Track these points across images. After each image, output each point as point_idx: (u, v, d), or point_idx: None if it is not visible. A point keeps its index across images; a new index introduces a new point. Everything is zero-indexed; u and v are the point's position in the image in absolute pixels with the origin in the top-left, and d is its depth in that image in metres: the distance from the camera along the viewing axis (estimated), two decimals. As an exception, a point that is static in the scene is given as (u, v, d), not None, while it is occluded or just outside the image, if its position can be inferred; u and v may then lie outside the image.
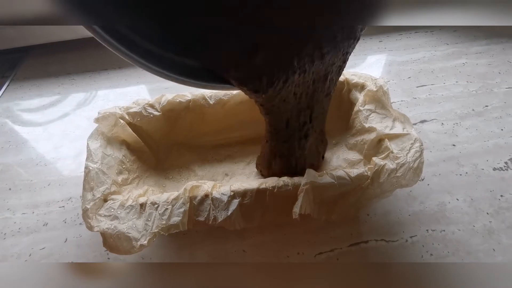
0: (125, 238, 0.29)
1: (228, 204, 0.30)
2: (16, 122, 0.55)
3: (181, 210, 0.30)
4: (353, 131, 0.40)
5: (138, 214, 0.31)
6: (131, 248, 0.29)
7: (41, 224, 0.39)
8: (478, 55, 0.57)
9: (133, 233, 0.29)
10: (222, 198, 0.31)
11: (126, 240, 0.29)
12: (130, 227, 0.30)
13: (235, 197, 0.31)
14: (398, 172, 0.31)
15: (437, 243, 0.34)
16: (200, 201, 0.31)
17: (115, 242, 0.29)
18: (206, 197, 0.31)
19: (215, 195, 0.31)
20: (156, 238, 0.30)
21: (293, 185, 0.31)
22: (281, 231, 0.36)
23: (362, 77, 0.40)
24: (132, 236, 0.29)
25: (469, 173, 0.40)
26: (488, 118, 0.46)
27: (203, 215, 0.30)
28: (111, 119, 0.37)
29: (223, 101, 0.41)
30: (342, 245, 0.35)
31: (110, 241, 0.29)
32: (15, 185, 0.44)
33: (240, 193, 0.31)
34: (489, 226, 0.35)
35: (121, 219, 0.30)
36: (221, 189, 0.31)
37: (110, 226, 0.29)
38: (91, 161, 0.34)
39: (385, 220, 0.36)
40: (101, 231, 0.29)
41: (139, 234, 0.29)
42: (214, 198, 0.31)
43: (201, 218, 0.30)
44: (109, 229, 0.29)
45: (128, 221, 0.30)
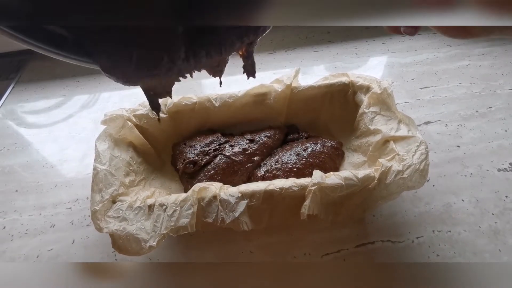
0: (134, 239, 0.29)
1: (236, 206, 0.31)
2: (22, 124, 0.55)
3: (189, 211, 0.30)
4: (358, 133, 0.40)
5: (146, 215, 0.31)
6: (140, 249, 0.29)
7: (48, 225, 0.39)
8: (481, 56, 0.58)
9: (142, 234, 0.29)
10: (230, 199, 0.31)
11: (135, 242, 0.29)
12: (139, 228, 0.30)
13: (243, 198, 0.31)
14: (404, 173, 0.31)
15: (443, 244, 0.34)
16: (208, 202, 0.31)
17: (124, 243, 0.29)
18: (214, 199, 0.31)
19: (223, 196, 0.31)
20: (165, 239, 0.30)
21: (300, 186, 0.31)
22: (288, 232, 0.36)
23: (367, 79, 0.41)
24: (141, 238, 0.29)
25: (474, 174, 0.40)
26: (492, 119, 0.46)
27: (211, 217, 0.30)
28: (119, 121, 0.37)
29: (228, 103, 0.42)
30: (348, 246, 0.35)
31: (119, 243, 0.29)
32: (21, 187, 0.44)
33: (248, 194, 0.31)
34: (494, 227, 0.35)
35: (129, 221, 0.30)
36: (229, 191, 0.32)
37: (119, 227, 0.30)
38: (99, 163, 0.34)
39: (391, 221, 0.37)
40: (110, 233, 0.29)
41: (148, 236, 0.29)
42: (222, 199, 0.31)
43: (209, 219, 0.30)
44: (118, 231, 0.29)
45: (137, 222, 0.30)
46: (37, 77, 0.64)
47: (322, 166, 0.38)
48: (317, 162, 0.38)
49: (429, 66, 0.57)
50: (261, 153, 0.41)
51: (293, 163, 0.38)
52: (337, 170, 0.39)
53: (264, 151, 0.41)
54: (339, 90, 0.42)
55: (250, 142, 0.41)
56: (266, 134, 0.42)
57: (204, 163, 0.39)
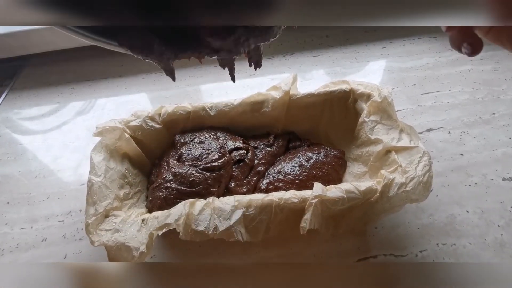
0: (125, 248, 0.28)
1: (231, 214, 0.29)
2: (15, 132, 0.54)
3: (178, 214, 0.29)
4: (358, 142, 0.39)
5: (139, 227, 0.30)
6: (132, 258, 0.28)
7: (40, 239, 0.38)
8: (483, 61, 0.57)
9: (133, 242, 0.28)
10: (224, 207, 0.30)
11: (127, 251, 0.28)
12: (130, 237, 0.29)
13: (238, 207, 0.30)
14: (407, 186, 0.30)
15: (448, 258, 0.33)
16: (200, 210, 0.29)
17: (116, 254, 0.28)
18: (207, 207, 0.30)
19: (217, 204, 0.30)
20: (154, 242, 0.29)
21: (300, 198, 0.30)
22: (287, 246, 0.35)
23: (368, 87, 0.40)
24: (132, 246, 0.28)
25: (478, 183, 0.39)
26: (495, 126, 0.45)
27: (202, 225, 0.29)
28: (116, 133, 0.36)
29: (224, 111, 0.41)
30: (349, 260, 0.34)
31: (111, 254, 0.28)
32: (13, 199, 0.43)
33: (244, 203, 0.30)
34: (500, 239, 0.34)
35: (122, 232, 0.29)
36: (224, 199, 0.31)
37: (110, 238, 0.29)
38: (94, 175, 0.33)
39: (393, 234, 0.35)
40: (101, 245, 0.28)
41: (140, 244, 0.28)
42: (216, 207, 0.30)
43: (200, 227, 0.29)
44: (109, 241, 0.28)
45: (129, 233, 0.29)
46: (31, 84, 0.63)
47: (326, 178, 0.37)
48: (320, 174, 0.37)
49: (430, 71, 0.56)
50: (266, 162, 0.40)
51: (295, 174, 0.37)
52: (340, 181, 0.38)
53: (268, 159, 0.40)
54: (339, 98, 0.41)
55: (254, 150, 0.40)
56: (268, 142, 0.42)
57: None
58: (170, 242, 0.36)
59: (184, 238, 0.28)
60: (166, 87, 0.58)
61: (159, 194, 0.35)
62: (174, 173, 0.36)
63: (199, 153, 0.38)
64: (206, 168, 0.36)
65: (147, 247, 0.28)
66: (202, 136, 0.40)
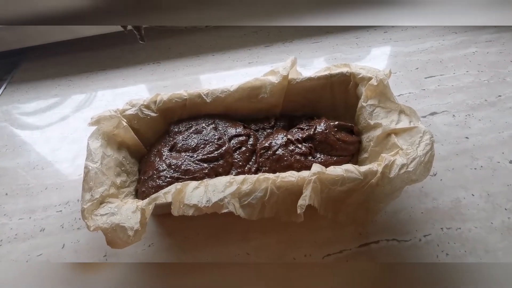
0: (120, 229, 0.28)
1: (225, 188, 0.28)
2: (14, 126, 0.54)
3: (169, 189, 0.29)
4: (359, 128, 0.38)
5: (134, 209, 0.29)
6: (127, 238, 0.28)
7: (38, 229, 0.38)
8: (488, 43, 0.55)
9: (127, 223, 0.28)
10: (219, 183, 0.29)
11: (122, 231, 0.28)
12: (125, 218, 0.28)
13: (233, 184, 0.29)
14: (409, 167, 0.28)
15: (453, 242, 0.32)
16: (194, 188, 0.29)
17: (113, 236, 0.28)
18: (200, 185, 0.29)
19: (211, 182, 0.29)
20: (148, 219, 0.28)
21: (298, 177, 0.29)
22: (286, 231, 0.34)
23: (370, 71, 0.38)
24: (127, 226, 0.28)
25: (484, 166, 0.38)
26: (501, 108, 0.44)
27: (195, 199, 0.28)
28: (114, 121, 0.36)
29: (221, 98, 0.40)
30: (351, 246, 0.33)
31: (108, 237, 0.28)
32: (12, 190, 0.43)
33: (239, 180, 0.29)
34: (508, 223, 0.33)
35: (117, 215, 0.29)
36: (220, 178, 0.30)
37: (105, 221, 0.28)
38: (91, 161, 0.33)
39: (396, 219, 0.34)
40: (97, 228, 0.28)
41: (134, 223, 0.28)
42: (209, 183, 0.29)
43: (193, 202, 0.28)
44: (104, 224, 0.28)
45: (124, 215, 0.29)
46: (30, 77, 0.63)
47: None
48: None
49: (434, 54, 0.54)
50: None
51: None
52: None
53: None
54: (339, 82, 0.40)
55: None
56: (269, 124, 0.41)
57: None
58: (168, 229, 0.36)
59: (177, 213, 0.28)
60: (164, 77, 0.57)
61: (152, 183, 0.34)
62: (169, 164, 0.35)
63: (195, 143, 0.37)
64: (203, 159, 0.35)
65: (141, 224, 0.28)
66: (199, 125, 0.39)
